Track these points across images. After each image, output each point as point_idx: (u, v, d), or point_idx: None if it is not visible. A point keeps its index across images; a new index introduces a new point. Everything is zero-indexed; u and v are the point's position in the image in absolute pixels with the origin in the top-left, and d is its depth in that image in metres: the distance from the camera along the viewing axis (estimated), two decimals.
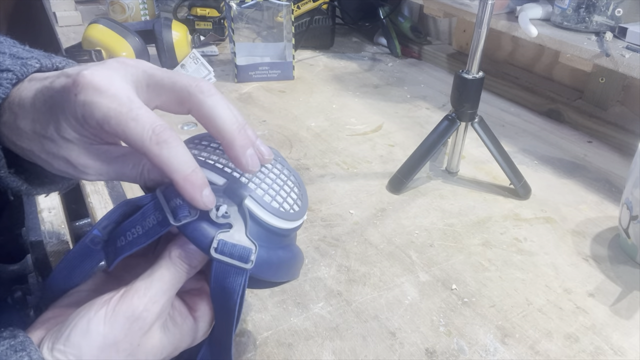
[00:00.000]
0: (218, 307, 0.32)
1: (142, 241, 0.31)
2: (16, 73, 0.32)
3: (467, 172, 0.71)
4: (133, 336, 0.30)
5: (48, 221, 0.63)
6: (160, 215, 0.31)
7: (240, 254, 0.31)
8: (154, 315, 0.30)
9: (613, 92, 0.84)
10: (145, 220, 0.31)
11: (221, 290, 0.31)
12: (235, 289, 0.31)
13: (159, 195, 0.31)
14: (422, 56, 1.15)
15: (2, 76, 0.32)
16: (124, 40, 0.90)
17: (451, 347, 0.44)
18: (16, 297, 0.83)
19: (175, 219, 0.30)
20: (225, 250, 0.30)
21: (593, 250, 0.57)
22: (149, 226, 0.31)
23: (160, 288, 0.30)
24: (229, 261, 0.30)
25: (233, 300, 0.31)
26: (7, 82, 0.32)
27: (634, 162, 0.53)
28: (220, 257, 0.30)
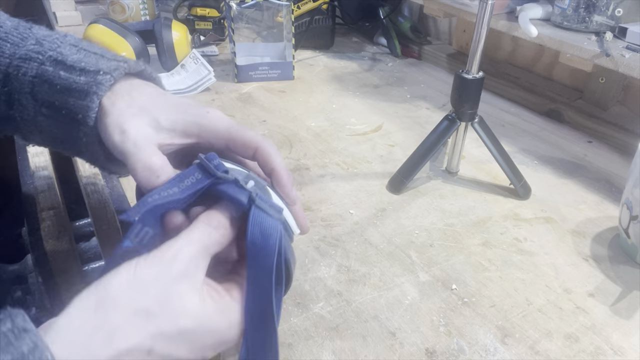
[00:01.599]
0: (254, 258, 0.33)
1: (176, 195, 0.33)
2: (130, 65, 0.40)
3: (467, 172, 0.71)
4: (162, 280, 0.30)
5: (48, 221, 0.63)
6: (200, 174, 0.34)
7: (275, 206, 0.34)
8: (181, 264, 0.31)
9: (613, 92, 0.84)
10: (183, 182, 0.34)
11: (260, 233, 0.32)
12: (273, 230, 0.33)
13: (201, 157, 0.34)
14: (422, 56, 1.15)
15: (119, 65, 0.39)
16: (124, 40, 0.90)
17: (451, 347, 0.44)
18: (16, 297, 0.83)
19: (219, 171, 0.34)
20: (264, 199, 0.34)
21: (593, 250, 0.57)
22: (187, 184, 0.34)
23: (187, 239, 0.32)
24: (266, 208, 0.33)
25: (272, 240, 0.32)
26: (122, 69, 0.39)
27: (634, 162, 0.53)
28: (260, 202, 0.33)
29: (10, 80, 0.40)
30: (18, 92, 0.40)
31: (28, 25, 0.42)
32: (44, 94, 0.39)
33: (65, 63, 0.39)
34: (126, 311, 0.28)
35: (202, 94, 0.93)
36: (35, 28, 0.42)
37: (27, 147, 0.74)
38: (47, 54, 0.40)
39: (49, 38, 0.41)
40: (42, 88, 0.39)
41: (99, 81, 0.38)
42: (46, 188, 0.69)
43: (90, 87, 0.38)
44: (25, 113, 0.40)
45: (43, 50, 0.40)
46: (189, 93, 0.92)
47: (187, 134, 0.39)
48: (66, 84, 0.39)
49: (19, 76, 0.39)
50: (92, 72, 0.39)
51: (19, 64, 0.39)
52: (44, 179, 0.70)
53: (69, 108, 0.39)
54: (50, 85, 0.39)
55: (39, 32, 0.42)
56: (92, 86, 0.38)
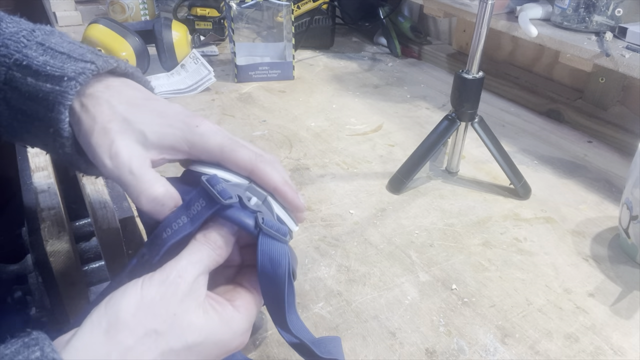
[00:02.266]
0: (266, 281, 0.34)
1: (187, 228, 0.34)
2: (98, 66, 0.37)
3: (467, 172, 0.71)
4: (168, 301, 0.31)
5: (48, 221, 0.63)
6: (205, 201, 0.34)
7: (281, 229, 0.35)
8: (186, 284, 0.32)
9: (613, 92, 0.84)
10: (190, 209, 0.35)
11: (269, 260, 0.34)
12: (282, 257, 0.34)
13: (204, 181, 0.35)
14: (422, 56, 1.15)
15: (86, 66, 0.36)
16: (124, 40, 0.90)
17: (451, 347, 0.44)
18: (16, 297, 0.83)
19: (223, 198, 0.34)
20: (271, 225, 0.35)
21: (593, 250, 0.57)
22: (194, 213, 0.34)
23: (189, 260, 0.33)
24: (275, 234, 0.34)
25: (282, 267, 0.34)
26: (89, 72, 0.37)
27: (634, 162, 0.53)
28: (267, 229, 0.34)
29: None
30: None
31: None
32: (15, 101, 0.37)
33: (31, 68, 0.36)
34: (137, 333, 0.29)
35: (202, 94, 0.93)
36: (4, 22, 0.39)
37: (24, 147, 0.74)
38: (13, 58, 0.37)
39: (15, 37, 0.37)
40: (13, 95, 0.37)
41: (63, 89, 0.35)
42: (46, 188, 0.69)
43: (55, 97, 0.36)
44: (3, 118, 0.38)
45: (9, 52, 0.37)
46: (189, 93, 0.92)
47: (176, 150, 0.37)
48: (33, 92, 0.36)
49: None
50: (57, 77, 0.36)
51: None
52: (44, 178, 0.70)
53: (40, 118, 0.37)
54: (19, 92, 0.37)
55: (7, 29, 0.38)
56: (57, 96, 0.36)
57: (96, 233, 0.61)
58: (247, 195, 0.36)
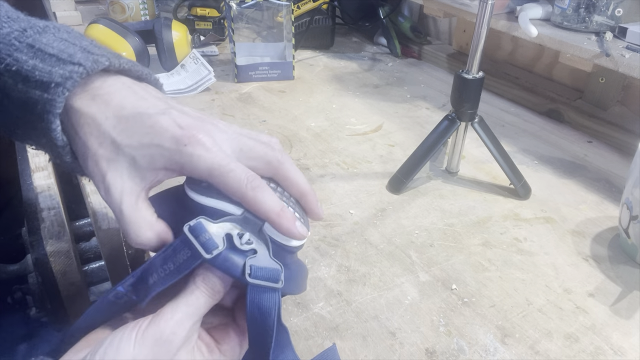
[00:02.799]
0: (255, 330, 0.33)
1: (174, 277, 0.32)
2: (87, 68, 0.35)
3: (467, 172, 0.71)
4: (161, 358, 0.30)
5: (48, 221, 0.63)
6: (190, 251, 0.32)
7: (271, 276, 0.33)
8: (180, 339, 0.31)
9: (613, 92, 0.84)
10: (176, 256, 0.33)
11: (258, 311, 0.33)
12: (271, 307, 0.33)
13: (187, 233, 0.32)
14: (422, 56, 1.15)
15: (74, 69, 0.34)
16: (124, 40, 0.90)
17: (451, 347, 0.44)
18: (16, 297, 0.82)
19: (207, 252, 0.32)
20: (259, 274, 0.33)
21: (593, 250, 0.57)
22: (179, 262, 0.32)
23: (186, 312, 0.32)
24: (264, 284, 0.33)
25: (271, 319, 0.33)
26: (77, 76, 0.34)
27: (634, 162, 0.53)
28: (255, 282, 0.32)
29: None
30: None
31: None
32: (10, 108, 0.36)
33: (21, 73, 0.35)
34: None
35: (202, 94, 0.93)
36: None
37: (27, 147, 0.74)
38: (4, 63, 0.35)
39: (7, 39, 0.36)
40: (7, 102, 0.36)
41: (51, 96, 0.34)
42: (46, 188, 0.69)
43: (43, 106, 0.34)
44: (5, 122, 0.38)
45: (0, 57, 0.35)
46: (189, 93, 0.92)
47: (169, 170, 0.35)
48: (24, 99, 0.35)
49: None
50: (45, 83, 0.34)
51: None
52: (44, 178, 0.70)
53: (33, 126, 0.36)
54: (10, 99, 0.35)
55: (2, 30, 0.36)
56: (45, 104, 0.34)
57: (96, 233, 0.61)
58: (239, 232, 0.33)
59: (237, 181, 0.34)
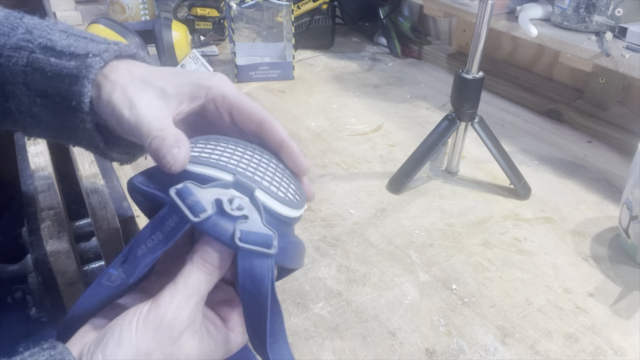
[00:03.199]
0: (248, 299, 0.32)
1: (162, 246, 0.31)
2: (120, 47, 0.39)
3: (467, 172, 0.71)
4: (164, 345, 0.30)
5: (48, 221, 0.63)
6: (177, 217, 0.31)
7: (264, 241, 0.31)
8: (183, 323, 0.31)
9: (613, 92, 0.84)
10: (164, 224, 0.31)
11: (250, 279, 0.31)
12: (264, 274, 0.31)
13: (173, 196, 0.31)
14: (422, 56, 1.15)
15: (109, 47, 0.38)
16: (124, 41, 0.90)
17: (451, 347, 0.44)
18: (16, 297, 0.83)
19: (194, 215, 0.30)
20: (249, 239, 0.31)
21: (593, 250, 0.57)
22: (167, 229, 0.31)
23: (185, 294, 0.31)
24: (255, 249, 0.31)
25: (264, 287, 0.31)
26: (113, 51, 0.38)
27: (634, 162, 0.53)
28: (245, 246, 0.31)
29: (3, 71, 0.39)
30: (12, 83, 0.39)
31: (19, 15, 0.41)
32: (36, 83, 0.38)
33: (54, 49, 0.38)
34: None
35: None
36: (26, 17, 0.41)
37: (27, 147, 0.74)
38: (36, 42, 0.38)
39: (39, 26, 0.40)
40: (35, 77, 0.38)
41: (88, 64, 0.37)
42: (46, 188, 0.69)
43: (80, 72, 0.37)
44: (21, 104, 0.40)
45: (33, 38, 0.39)
46: None
47: (193, 97, 0.38)
48: (57, 70, 0.38)
49: (10, 66, 0.38)
50: (82, 55, 0.38)
51: (9, 54, 0.38)
52: (44, 179, 0.70)
53: (62, 94, 0.38)
54: (41, 73, 0.38)
55: (30, 21, 0.40)
56: (81, 70, 0.37)
57: (96, 233, 0.61)
58: (229, 196, 0.32)
59: (259, 107, 0.38)
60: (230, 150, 0.36)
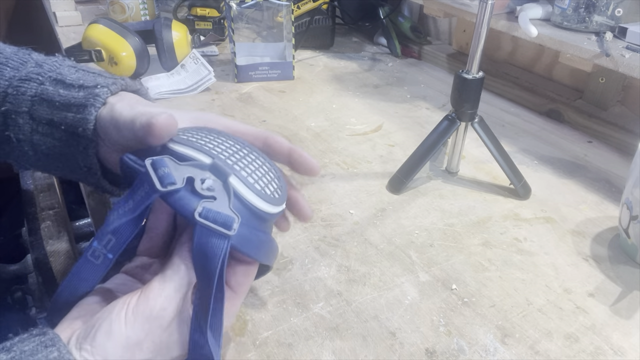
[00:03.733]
0: (199, 276, 0.33)
1: (130, 213, 0.32)
2: (126, 81, 0.42)
3: (467, 172, 0.71)
4: (154, 334, 0.31)
5: (48, 221, 0.63)
6: (148, 186, 0.32)
7: (224, 221, 0.32)
8: (171, 313, 0.32)
9: (613, 92, 0.84)
10: (135, 193, 0.33)
11: (203, 255, 0.32)
12: (216, 253, 0.32)
13: (147, 165, 0.32)
14: (422, 56, 1.15)
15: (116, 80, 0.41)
16: (124, 40, 0.90)
17: (451, 347, 0.44)
18: (16, 297, 0.83)
19: (162, 186, 0.32)
20: (209, 216, 0.32)
21: (593, 250, 0.57)
22: (138, 198, 0.32)
23: (173, 286, 0.32)
24: (212, 226, 0.32)
25: (214, 265, 0.32)
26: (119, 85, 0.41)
27: (634, 162, 0.53)
28: (203, 221, 0.31)
29: (8, 100, 0.41)
30: (15, 112, 0.41)
31: (27, 52, 0.44)
32: (42, 112, 0.41)
33: (64, 82, 0.41)
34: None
35: (202, 94, 0.93)
36: (34, 54, 0.44)
37: None
38: (47, 75, 0.41)
39: (49, 61, 0.43)
40: (41, 106, 0.41)
41: (96, 94, 0.40)
42: (46, 188, 0.69)
43: (87, 100, 0.39)
44: (21, 132, 0.41)
45: (43, 71, 0.41)
46: (188, 93, 0.92)
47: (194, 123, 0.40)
48: (65, 100, 0.40)
49: (17, 95, 0.40)
50: (90, 87, 0.40)
51: (18, 85, 0.41)
52: (44, 179, 0.70)
53: (67, 123, 0.40)
54: (49, 103, 0.40)
55: (39, 57, 0.43)
56: (89, 99, 0.39)
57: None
58: (202, 177, 0.33)
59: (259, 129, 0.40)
60: (218, 140, 0.37)
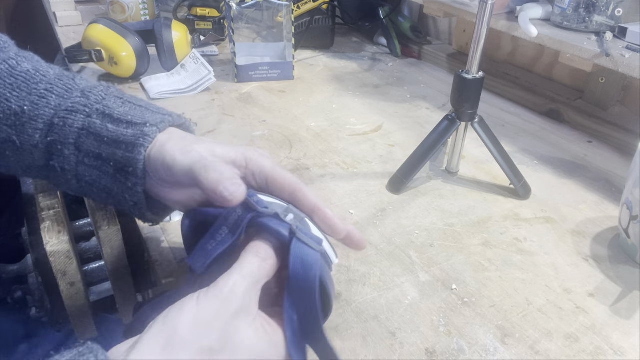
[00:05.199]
0: (297, 284, 0.35)
1: (229, 239, 0.36)
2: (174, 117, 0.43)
3: (467, 172, 0.71)
4: (222, 316, 0.32)
5: (48, 221, 0.63)
6: (240, 210, 0.36)
7: (314, 238, 0.36)
8: (239, 298, 0.33)
9: (613, 92, 0.84)
10: (228, 220, 0.36)
11: (301, 264, 0.34)
12: (314, 262, 0.35)
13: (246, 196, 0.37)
14: (422, 56, 1.15)
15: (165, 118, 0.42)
16: (124, 40, 0.90)
17: (451, 347, 0.44)
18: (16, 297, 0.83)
19: (260, 207, 0.36)
20: (303, 232, 0.36)
21: (593, 250, 0.57)
22: (232, 222, 0.36)
23: (241, 274, 0.34)
24: (307, 240, 0.35)
25: (313, 272, 0.34)
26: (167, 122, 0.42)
27: (634, 162, 0.53)
28: (300, 235, 0.35)
29: (55, 131, 0.41)
30: (62, 142, 0.41)
31: (71, 76, 0.44)
32: (89, 145, 0.41)
33: (112, 116, 0.41)
34: (192, 350, 0.30)
35: (202, 94, 0.93)
36: (77, 78, 0.43)
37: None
38: (93, 107, 0.41)
39: (95, 90, 0.42)
40: (88, 139, 0.40)
41: (145, 133, 0.40)
42: (46, 188, 0.69)
43: (137, 139, 0.40)
44: (66, 163, 0.41)
45: (89, 103, 0.41)
46: (189, 93, 0.92)
47: (236, 164, 0.40)
48: (114, 137, 0.40)
49: (64, 127, 0.40)
50: (139, 124, 0.40)
51: (65, 116, 0.40)
52: None
53: (116, 160, 0.40)
54: (97, 137, 0.40)
55: (83, 83, 0.43)
56: (139, 138, 0.40)
57: (96, 233, 0.61)
58: (284, 212, 0.37)
59: (293, 177, 0.40)
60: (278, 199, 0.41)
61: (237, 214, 0.36)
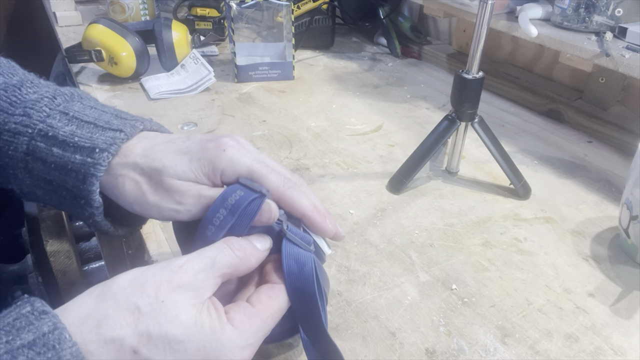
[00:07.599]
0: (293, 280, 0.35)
1: (229, 220, 0.34)
2: (127, 134, 0.38)
3: (467, 172, 0.71)
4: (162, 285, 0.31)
5: (48, 221, 0.63)
6: (242, 191, 0.35)
7: (304, 239, 0.37)
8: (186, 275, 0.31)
9: (613, 92, 0.84)
10: (226, 202, 0.35)
11: (294, 261, 0.35)
12: (307, 260, 0.35)
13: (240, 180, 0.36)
14: (422, 56, 1.15)
15: (116, 135, 0.37)
16: (124, 40, 0.90)
17: (451, 347, 0.44)
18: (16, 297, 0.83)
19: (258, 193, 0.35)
20: (294, 232, 0.36)
21: (593, 250, 0.57)
22: (231, 203, 0.34)
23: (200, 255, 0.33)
24: (298, 240, 0.35)
25: (307, 268, 0.34)
26: (120, 141, 0.37)
27: (634, 162, 0.53)
28: (290, 235, 0.35)
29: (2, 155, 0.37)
30: (12, 167, 0.37)
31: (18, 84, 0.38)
32: (39, 171, 0.37)
33: (57, 138, 0.36)
34: (120, 304, 0.30)
35: (202, 94, 0.93)
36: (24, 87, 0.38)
37: None
38: (36, 128, 0.36)
39: (38, 105, 0.37)
40: (36, 165, 0.37)
41: (96, 160, 0.36)
42: None
43: (87, 169, 0.36)
44: (24, 186, 0.38)
45: (32, 122, 0.36)
46: (189, 93, 0.92)
47: (211, 180, 0.37)
48: (61, 163, 0.36)
49: (9, 152, 0.37)
50: (87, 149, 0.36)
51: (8, 139, 0.37)
52: None
53: (68, 189, 0.37)
54: (43, 162, 0.36)
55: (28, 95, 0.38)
56: (89, 168, 0.35)
57: (96, 233, 0.61)
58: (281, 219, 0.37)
59: (277, 180, 0.37)
60: None
61: (237, 195, 0.34)
